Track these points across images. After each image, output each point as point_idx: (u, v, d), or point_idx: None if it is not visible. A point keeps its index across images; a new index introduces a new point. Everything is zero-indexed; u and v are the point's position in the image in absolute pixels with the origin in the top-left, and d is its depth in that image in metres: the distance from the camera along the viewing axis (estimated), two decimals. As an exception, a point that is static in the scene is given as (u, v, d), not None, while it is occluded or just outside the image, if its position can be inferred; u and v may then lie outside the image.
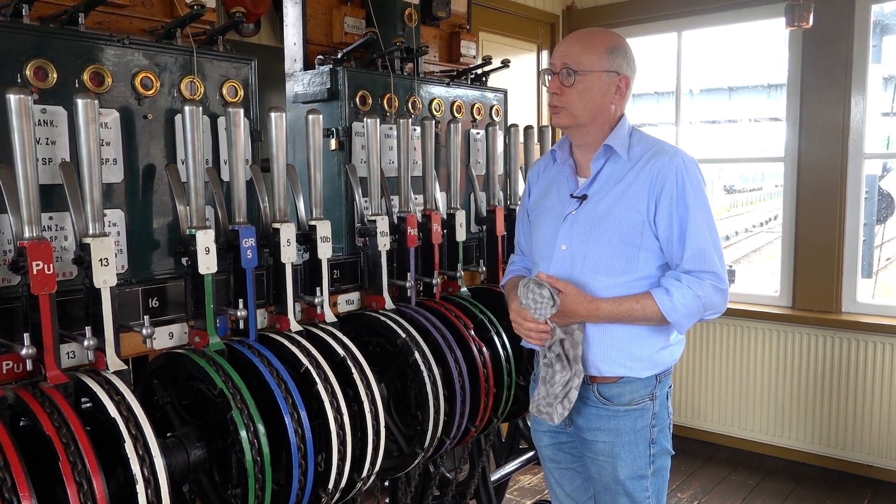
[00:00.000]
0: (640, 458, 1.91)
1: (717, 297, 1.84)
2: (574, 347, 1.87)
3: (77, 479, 1.35)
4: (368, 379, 1.95)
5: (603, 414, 1.91)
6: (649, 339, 1.89)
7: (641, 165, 1.86)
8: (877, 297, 4.37)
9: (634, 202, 1.84)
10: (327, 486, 1.82)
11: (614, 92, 1.87)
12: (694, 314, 1.83)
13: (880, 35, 4.19)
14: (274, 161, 1.96)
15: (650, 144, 1.91)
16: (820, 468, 4.20)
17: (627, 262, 1.85)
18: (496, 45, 4.33)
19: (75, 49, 1.70)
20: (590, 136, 1.92)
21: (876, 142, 4.19)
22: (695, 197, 1.82)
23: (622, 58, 1.86)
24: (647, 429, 1.91)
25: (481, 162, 2.95)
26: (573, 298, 1.83)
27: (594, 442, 1.94)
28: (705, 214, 1.84)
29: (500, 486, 3.16)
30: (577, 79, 1.84)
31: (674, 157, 1.84)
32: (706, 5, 4.37)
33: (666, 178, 1.82)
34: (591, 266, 1.87)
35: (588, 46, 1.85)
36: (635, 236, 1.84)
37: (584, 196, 1.91)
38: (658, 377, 1.92)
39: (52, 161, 1.66)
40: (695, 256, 1.82)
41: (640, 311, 1.83)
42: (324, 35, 2.60)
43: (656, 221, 1.84)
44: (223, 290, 1.93)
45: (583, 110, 1.87)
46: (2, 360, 1.54)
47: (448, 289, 2.61)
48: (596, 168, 1.91)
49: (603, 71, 1.84)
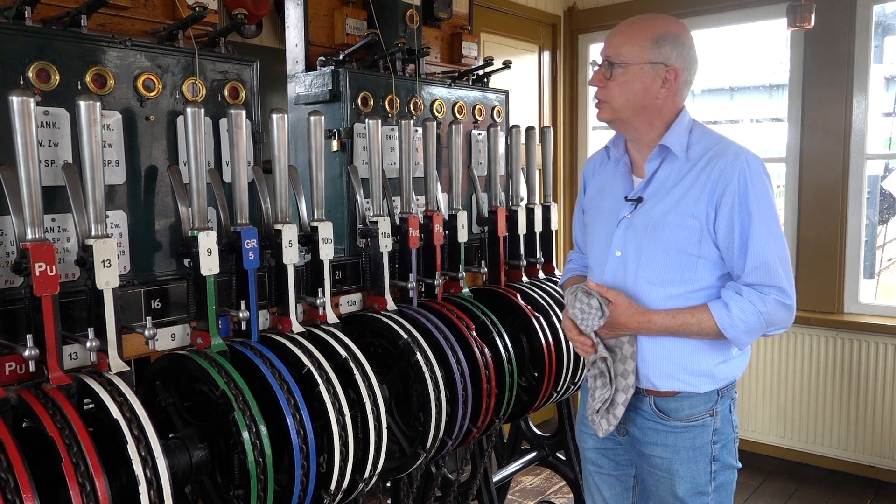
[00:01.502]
0: (700, 476, 1.80)
1: (782, 314, 1.70)
2: (623, 362, 1.78)
3: (80, 481, 1.36)
4: (370, 380, 1.95)
5: (660, 429, 1.81)
6: (708, 353, 1.77)
7: (702, 167, 1.72)
8: (879, 297, 4.36)
9: (692, 207, 1.71)
10: (329, 487, 1.82)
11: (660, 85, 1.74)
12: (755, 330, 1.70)
13: (882, 35, 4.19)
14: (276, 162, 1.97)
15: (712, 143, 1.76)
16: (822, 469, 4.19)
17: (684, 272, 1.74)
18: (498, 45, 4.34)
19: (77, 51, 1.70)
20: (639, 133, 1.81)
21: (878, 142, 4.19)
22: (759, 203, 1.68)
23: (671, 47, 1.73)
24: (708, 445, 1.79)
25: (483, 163, 2.95)
26: (624, 310, 1.73)
27: (651, 456, 1.84)
28: (770, 222, 1.69)
29: (502, 487, 3.16)
30: (616, 71, 1.74)
31: (737, 158, 1.70)
32: (707, 6, 4.37)
33: (728, 181, 1.68)
34: (644, 276, 1.76)
35: (631, 36, 1.75)
36: (693, 244, 1.72)
37: (640, 199, 1.79)
38: (719, 391, 1.80)
39: (54, 163, 1.66)
40: (757, 269, 1.68)
41: (695, 325, 1.71)
42: (325, 36, 2.60)
43: (716, 228, 1.70)
44: (225, 291, 1.93)
45: (624, 104, 1.76)
46: (5, 362, 1.54)
47: (450, 290, 2.61)
48: (651, 169, 1.79)
49: (646, 63, 1.72)
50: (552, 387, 2.63)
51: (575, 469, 3.12)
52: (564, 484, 3.63)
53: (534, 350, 2.58)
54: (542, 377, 2.59)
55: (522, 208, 2.90)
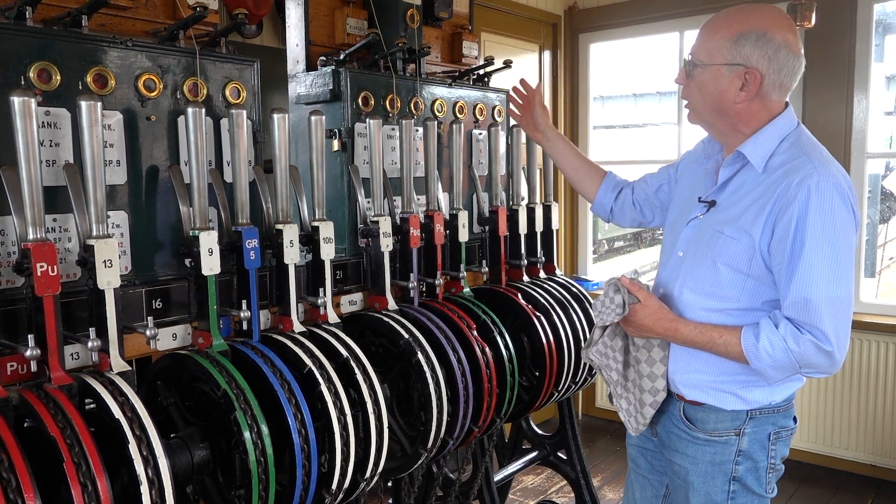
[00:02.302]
0: (716, 493, 1.74)
1: (818, 358, 1.54)
2: (651, 365, 1.75)
3: (81, 480, 1.36)
4: (372, 379, 1.95)
5: (683, 436, 1.76)
6: (742, 375, 1.68)
7: (773, 180, 1.59)
8: (880, 296, 4.36)
9: (749, 223, 1.59)
10: (331, 486, 1.82)
11: (739, 88, 1.60)
12: (783, 368, 1.58)
13: (883, 34, 4.18)
14: (277, 162, 1.97)
15: (794, 155, 1.60)
16: (823, 468, 4.19)
17: (728, 287, 1.64)
18: (498, 45, 4.34)
19: (78, 51, 1.70)
20: (725, 137, 1.71)
21: (879, 141, 4.19)
22: (819, 231, 1.50)
23: (753, 47, 1.57)
24: (730, 464, 1.72)
25: (484, 162, 2.95)
26: (651, 313, 1.67)
27: (672, 462, 1.82)
28: (829, 256, 1.51)
29: (503, 486, 3.16)
30: (694, 72, 1.65)
31: (809, 177, 1.53)
32: (708, 5, 4.36)
33: (790, 201, 1.53)
34: (690, 283, 1.70)
35: (711, 34, 1.64)
36: (743, 262, 1.61)
37: (713, 202, 1.71)
38: (750, 413, 1.70)
39: (55, 163, 1.66)
40: (796, 304, 1.54)
41: (721, 345, 1.62)
42: (326, 36, 2.60)
43: (770, 249, 1.57)
44: (226, 291, 1.93)
45: (702, 106, 1.68)
46: (6, 362, 1.54)
47: (451, 289, 2.61)
48: (725, 175, 1.70)
49: (722, 64, 1.60)
50: (553, 386, 2.63)
51: (576, 468, 3.12)
52: (565, 483, 3.63)
53: (535, 349, 2.58)
54: (543, 376, 2.59)
55: (523, 208, 2.90)
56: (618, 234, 8.98)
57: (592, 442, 4.68)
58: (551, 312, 2.63)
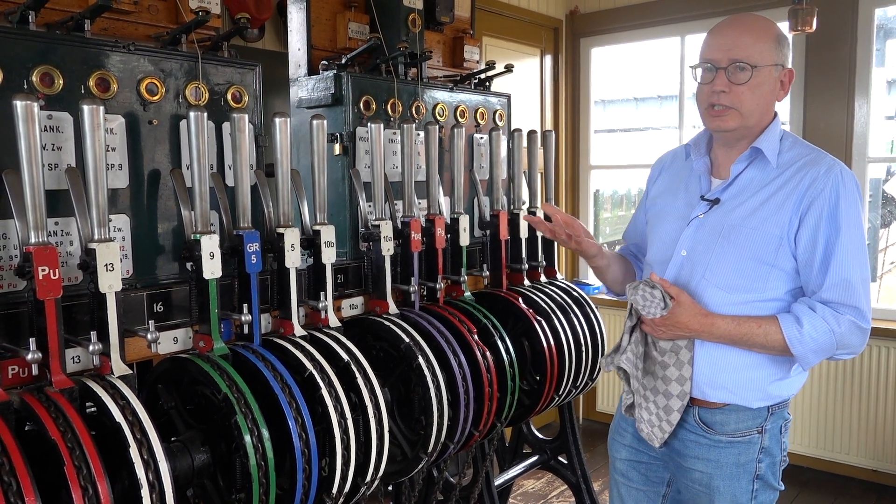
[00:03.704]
0: (741, 494, 1.74)
1: (856, 337, 1.62)
2: (679, 367, 1.73)
3: (82, 484, 1.36)
4: (372, 383, 1.95)
5: (702, 442, 1.75)
6: (767, 368, 1.70)
7: (791, 174, 1.66)
8: (881, 301, 4.35)
9: (775, 214, 1.64)
10: (331, 490, 1.82)
11: (779, 88, 1.69)
12: (824, 350, 1.62)
13: (884, 39, 4.19)
14: (278, 166, 1.97)
15: (805, 151, 1.71)
16: (824, 473, 4.19)
17: (755, 280, 1.67)
18: (500, 49, 4.34)
19: (81, 55, 1.71)
20: (744, 139, 1.75)
21: (880, 146, 4.19)
22: (848, 218, 1.61)
23: (787, 48, 1.69)
24: (753, 463, 1.73)
25: (485, 166, 2.95)
26: (687, 309, 1.67)
27: (691, 470, 1.78)
28: (857, 240, 1.62)
29: (503, 490, 3.16)
30: (752, 74, 1.64)
31: (832, 169, 1.64)
32: (709, 10, 4.37)
33: (819, 191, 1.61)
34: (712, 279, 1.70)
35: (759, 36, 1.66)
36: (769, 253, 1.65)
37: (717, 200, 1.74)
38: (770, 409, 1.74)
39: (57, 166, 1.67)
40: (837, 286, 1.60)
41: (761, 336, 1.63)
42: (328, 40, 2.60)
43: (797, 239, 1.63)
44: (227, 294, 1.93)
45: (754, 110, 1.68)
46: (7, 365, 1.54)
47: (452, 293, 2.61)
48: (736, 171, 1.73)
49: (773, 64, 1.66)
50: (554, 390, 2.63)
51: (577, 473, 3.12)
52: (566, 488, 3.63)
53: (535, 353, 2.58)
54: (544, 381, 2.59)
55: (524, 212, 2.90)
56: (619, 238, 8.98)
57: (593, 446, 4.68)
58: (552, 316, 2.64)
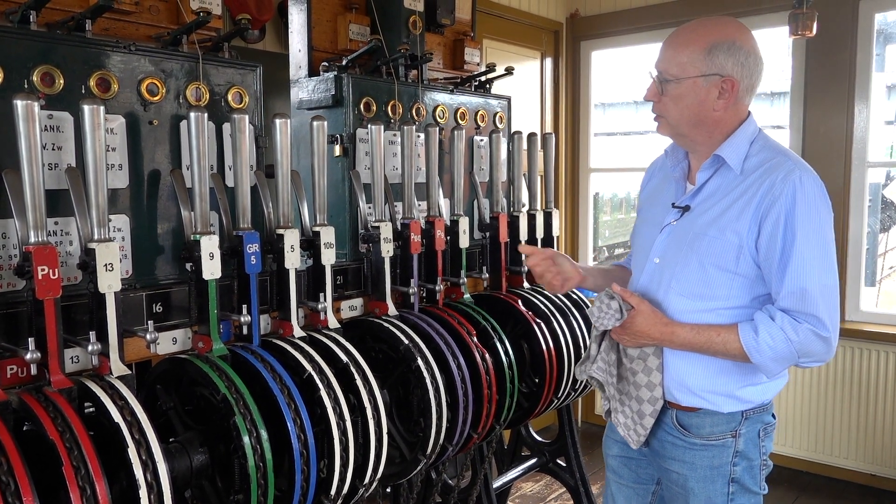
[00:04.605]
0: (716, 496, 1.75)
1: (817, 345, 1.60)
2: (648, 374, 1.76)
3: (80, 484, 1.36)
4: (371, 385, 1.95)
5: (679, 444, 1.77)
6: (734, 375, 1.71)
7: (753, 180, 1.65)
8: (880, 305, 4.35)
9: (735, 222, 1.64)
10: (329, 492, 1.82)
11: (717, 97, 1.65)
12: (784, 359, 1.62)
13: (883, 44, 4.19)
14: (278, 167, 1.97)
15: (769, 156, 1.68)
16: (823, 477, 4.19)
17: (718, 287, 1.67)
18: (500, 52, 4.35)
19: (82, 55, 1.71)
20: (698, 145, 1.74)
21: (879, 150, 4.19)
22: (808, 223, 1.58)
23: (726, 56, 1.63)
24: (727, 466, 1.74)
25: (485, 169, 2.95)
26: (646, 318, 1.69)
27: (669, 471, 1.81)
28: (817, 246, 1.59)
29: (502, 493, 3.15)
30: (668, 86, 1.67)
31: (791, 173, 1.61)
32: (709, 13, 4.38)
33: (776, 197, 1.60)
34: (677, 287, 1.72)
35: (682, 48, 1.66)
36: (730, 261, 1.65)
37: (687, 207, 1.74)
38: (745, 413, 1.73)
39: (57, 166, 1.67)
40: (793, 294, 1.59)
41: (720, 344, 1.64)
42: (329, 42, 2.61)
43: (758, 246, 1.63)
44: (227, 295, 1.93)
45: (679, 119, 1.70)
46: (6, 365, 1.54)
47: (451, 295, 2.61)
48: (702, 179, 1.74)
49: (699, 76, 1.64)
50: (553, 393, 2.63)
51: (575, 476, 3.12)
52: (564, 491, 3.62)
53: (535, 356, 2.58)
54: (543, 383, 2.58)
55: (524, 214, 2.91)
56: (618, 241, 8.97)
57: (592, 449, 4.67)
58: (551, 319, 2.63)
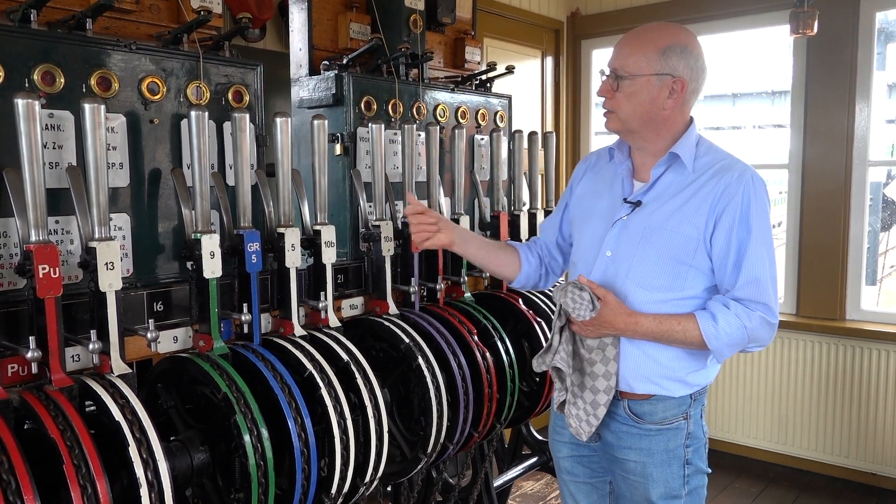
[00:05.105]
0: (673, 479, 1.82)
1: (765, 331, 1.73)
2: (605, 364, 1.80)
3: (81, 482, 1.36)
4: (372, 384, 1.95)
5: (634, 432, 1.83)
6: (686, 361, 1.80)
7: (707, 179, 1.75)
8: (881, 304, 4.34)
9: (692, 217, 1.74)
10: (330, 490, 1.82)
11: (667, 96, 1.74)
12: (737, 344, 1.73)
13: (885, 42, 4.18)
14: (279, 166, 1.97)
15: (719, 157, 1.80)
16: (824, 476, 4.18)
17: (675, 279, 1.76)
18: (501, 51, 4.34)
19: (82, 54, 1.71)
20: (646, 142, 1.83)
21: (881, 149, 4.19)
22: (759, 220, 1.72)
23: (678, 58, 1.72)
24: (681, 448, 1.82)
25: (485, 167, 2.95)
26: (613, 309, 1.74)
27: (625, 461, 1.85)
28: (767, 241, 1.73)
29: (502, 491, 3.15)
30: (623, 83, 1.75)
31: (743, 174, 1.73)
32: (711, 12, 4.37)
33: (732, 195, 1.71)
34: (635, 278, 1.78)
35: (638, 48, 1.74)
36: (687, 253, 1.74)
37: (639, 202, 1.81)
38: (693, 396, 1.83)
39: (58, 165, 1.67)
40: (749, 284, 1.71)
41: (680, 333, 1.73)
42: (329, 40, 2.61)
43: (712, 241, 1.73)
44: (228, 294, 1.93)
45: (631, 115, 1.77)
46: (7, 363, 1.54)
47: (452, 294, 2.61)
48: (656, 175, 1.82)
49: (652, 74, 1.72)
50: (553, 392, 2.63)
51: (576, 474, 3.11)
52: (565, 489, 3.63)
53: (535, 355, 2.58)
54: (544, 382, 2.59)
55: (525, 213, 2.91)
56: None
57: (592, 448, 4.67)
58: (552, 318, 2.63)
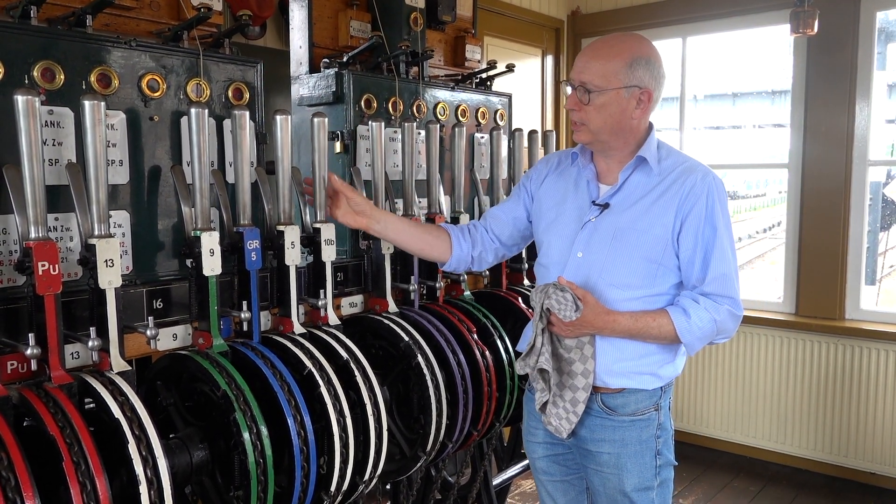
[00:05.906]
0: (646, 470, 1.88)
1: (731, 323, 1.83)
2: (584, 362, 1.84)
3: (80, 480, 1.36)
4: (371, 382, 1.95)
5: (607, 424, 1.88)
6: (658, 355, 1.87)
7: (672, 180, 1.83)
8: (880, 304, 4.34)
9: (660, 217, 1.81)
10: (329, 488, 1.82)
11: (635, 106, 1.82)
12: (707, 337, 1.82)
13: (885, 42, 4.19)
14: (279, 163, 1.97)
15: (680, 160, 1.89)
16: (822, 475, 4.19)
17: (645, 277, 1.83)
18: (501, 49, 4.34)
19: (82, 51, 1.70)
20: (613, 150, 1.89)
21: (880, 149, 4.19)
22: (722, 219, 1.81)
23: (644, 69, 1.79)
24: (653, 440, 1.89)
25: (485, 166, 2.95)
26: (592, 308, 1.79)
27: (598, 453, 1.90)
28: (730, 238, 1.83)
29: (501, 490, 3.16)
30: (593, 96, 1.79)
31: (706, 176, 1.82)
32: (711, 11, 4.38)
33: (698, 196, 1.80)
34: (608, 278, 1.84)
35: (605, 61, 1.79)
36: (657, 252, 1.82)
37: (607, 205, 1.87)
38: (663, 388, 1.90)
39: (58, 162, 1.67)
40: (716, 280, 1.80)
41: (655, 328, 1.80)
42: (329, 38, 2.60)
43: (680, 240, 1.81)
44: (227, 291, 1.93)
45: (602, 127, 1.83)
46: (7, 361, 1.54)
47: (451, 292, 2.61)
48: (624, 177, 1.88)
49: (622, 87, 1.78)
50: (553, 390, 2.63)
51: (575, 473, 3.12)
52: (564, 488, 3.63)
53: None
54: (543, 381, 2.58)
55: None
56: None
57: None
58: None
